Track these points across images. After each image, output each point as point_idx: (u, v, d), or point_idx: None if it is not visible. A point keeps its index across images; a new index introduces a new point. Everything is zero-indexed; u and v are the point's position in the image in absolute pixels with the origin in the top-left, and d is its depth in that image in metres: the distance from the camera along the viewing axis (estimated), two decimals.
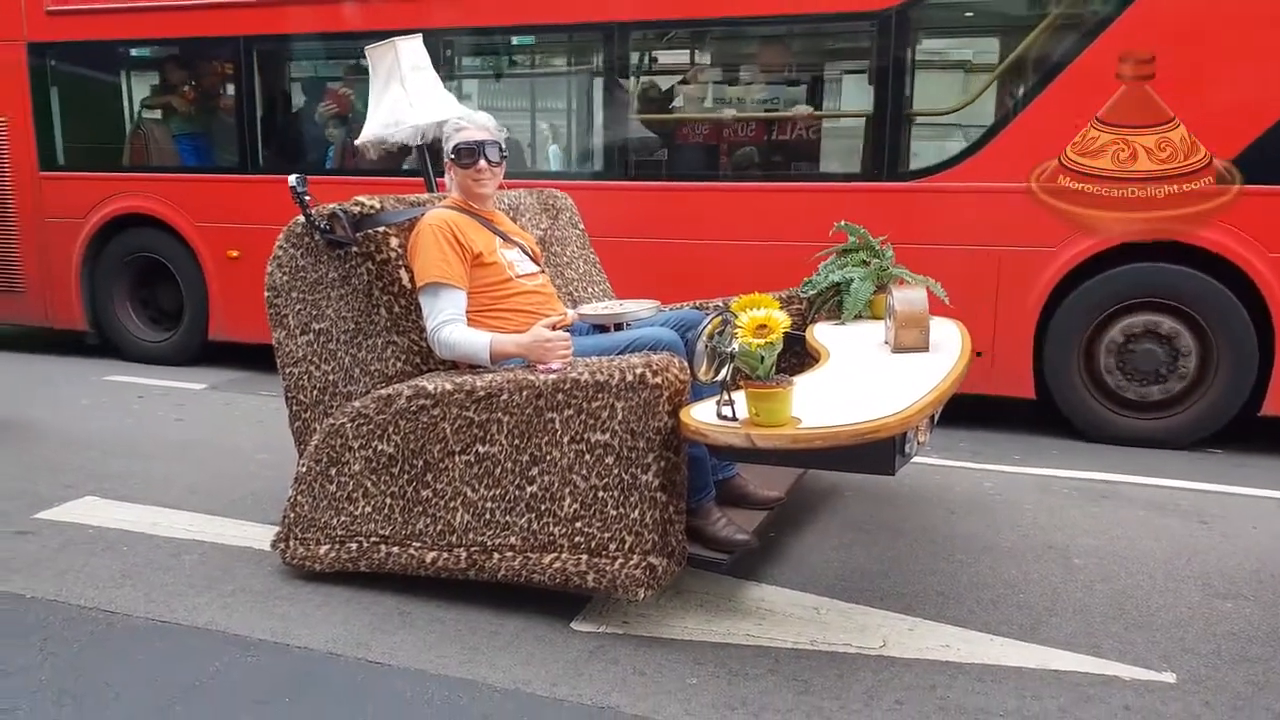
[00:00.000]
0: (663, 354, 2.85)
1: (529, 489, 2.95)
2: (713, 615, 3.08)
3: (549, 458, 2.91)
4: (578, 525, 2.88)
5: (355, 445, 3.19)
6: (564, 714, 2.54)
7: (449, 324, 3.15)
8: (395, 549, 3.16)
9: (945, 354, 3.24)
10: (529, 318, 3.26)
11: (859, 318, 3.79)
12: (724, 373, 2.70)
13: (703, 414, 2.71)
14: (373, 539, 3.20)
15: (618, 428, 2.80)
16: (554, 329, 3.09)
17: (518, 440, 2.94)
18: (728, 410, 2.64)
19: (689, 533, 2.95)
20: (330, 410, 3.34)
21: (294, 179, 3.26)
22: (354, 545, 3.23)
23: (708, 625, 3.01)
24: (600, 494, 2.85)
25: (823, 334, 3.62)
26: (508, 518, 2.98)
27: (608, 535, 2.84)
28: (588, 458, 2.85)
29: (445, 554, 3.08)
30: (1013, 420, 5.42)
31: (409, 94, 4.08)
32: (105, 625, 3.03)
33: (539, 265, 3.56)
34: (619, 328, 3.38)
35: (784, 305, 3.76)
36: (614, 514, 2.83)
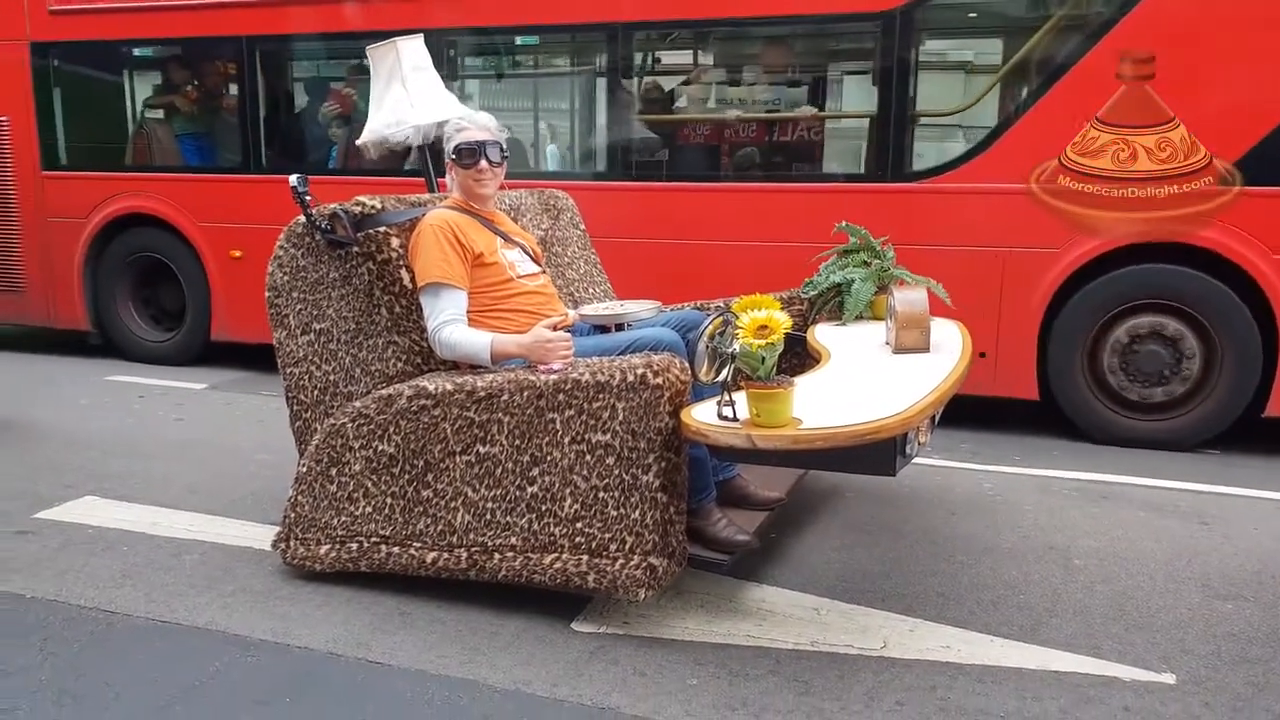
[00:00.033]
0: (664, 355, 2.85)
1: (530, 489, 2.95)
2: (713, 616, 3.08)
3: (550, 458, 2.91)
4: (578, 526, 2.88)
5: (356, 445, 3.19)
6: (564, 714, 2.54)
7: (450, 324, 3.15)
8: (396, 549, 3.17)
9: (946, 355, 3.24)
10: (530, 318, 3.26)
11: (860, 318, 3.79)
12: (725, 373, 2.70)
13: (704, 414, 2.71)
14: (373, 539, 3.20)
15: (619, 428, 2.80)
16: (555, 329, 3.10)
17: (518, 440, 2.94)
18: (728, 411, 2.64)
19: (690, 533, 2.95)
20: (331, 410, 3.35)
21: (295, 179, 3.26)
22: (354, 545, 3.23)
23: (708, 626, 3.01)
24: (601, 494, 2.85)
25: (823, 335, 3.62)
26: (508, 518, 2.98)
27: (608, 536, 2.84)
28: (588, 458, 2.85)
29: (446, 554, 3.08)
30: (1013, 421, 5.41)
31: (410, 94, 4.08)
32: (105, 625, 3.03)
33: (540, 266, 3.56)
34: (620, 328, 3.38)
35: (785, 306, 3.75)
36: (615, 514, 2.83)
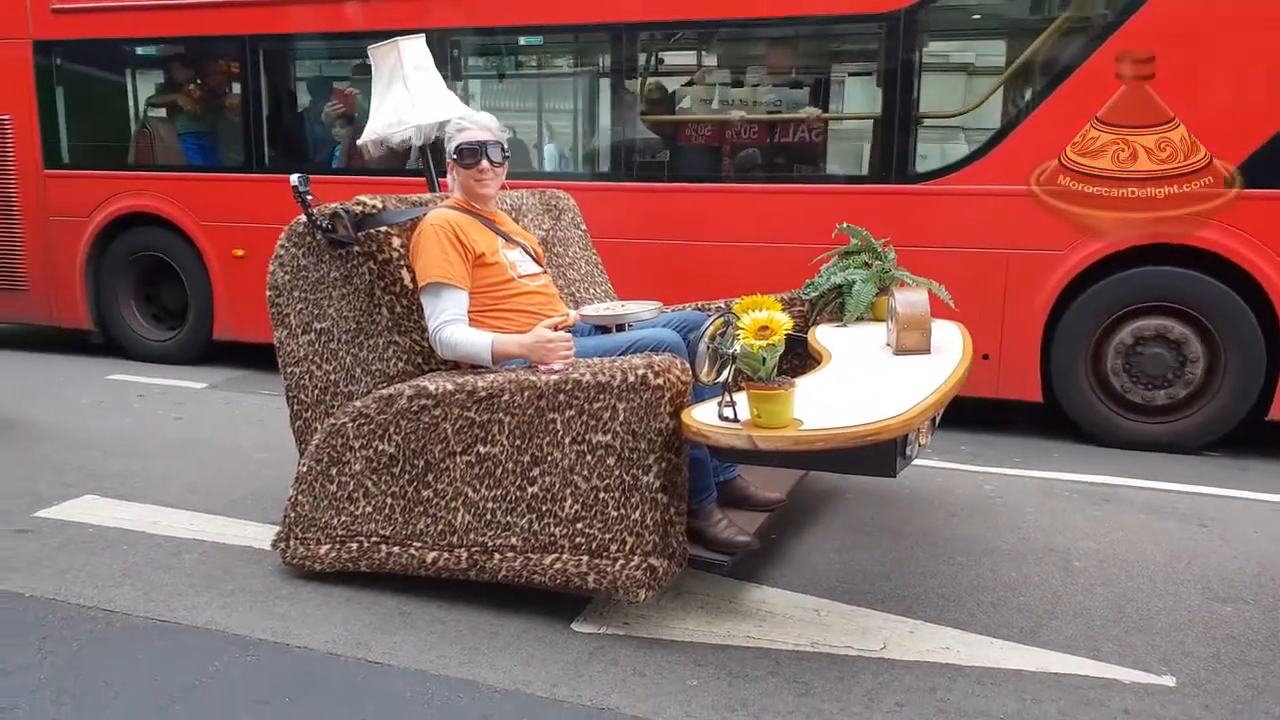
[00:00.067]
0: (665, 355, 2.85)
1: (530, 489, 2.95)
2: (713, 617, 3.07)
3: (550, 458, 2.91)
4: (579, 526, 2.88)
5: (356, 445, 3.19)
6: (564, 715, 2.54)
7: (451, 324, 3.15)
8: (396, 549, 3.17)
9: (947, 356, 3.24)
10: (531, 318, 3.26)
11: (861, 320, 3.79)
12: (726, 374, 2.70)
13: (704, 415, 2.71)
14: (373, 539, 3.20)
15: (619, 429, 2.80)
16: (556, 330, 3.10)
17: (519, 441, 2.94)
18: (729, 412, 2.64)
19: (690, 534, 2.95)
20: (331, 410, 3.35)
21: (296, 178, 3.26)
22: (354, 545, 3.23)
23: (708, 627, 3.01)
24: (601, 495, 2.85)
25: (824, 336, 3.62)
26: (509, 518, 2.98)
27: (609, 536, 2.84)
28: (589, 458, 2.85)
29: (446, 554, 3.08)
30: (1013, 423, 5.41)
31: (412, 94, 4.09)
32: (105, 624, 3.03)
33: (541, 266, 3.55)
34: (621, 329, 3.38)
35: (786, 307, 3.76)
36: (615, 515, 2.83)
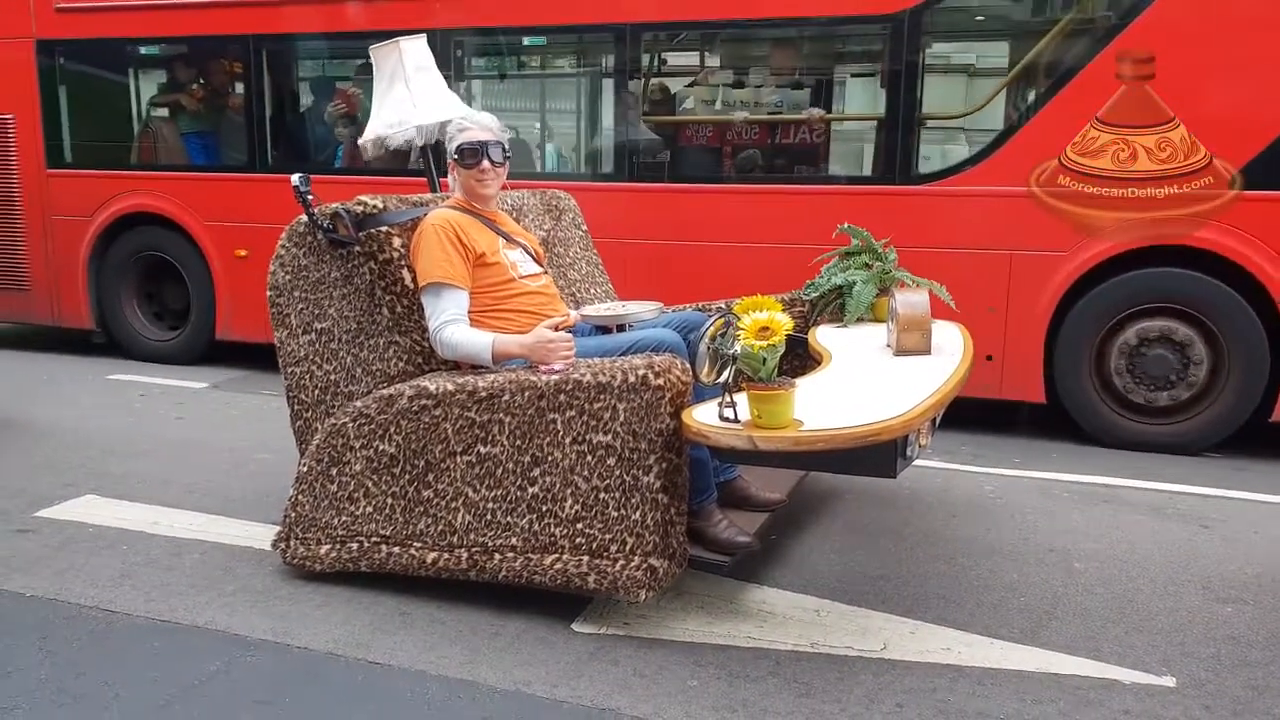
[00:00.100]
0: (665, 355, 2.85)
1: (530, 490, 2.95)
2: (714, 617, 3.07)
3: (550, 459, 2.91)
4: (579, 526, 2.88)
5: (357, 445, 3.19)
6: (564, 715, 2.54)
7: (451, 324, 3.15)
8: (396, 549, 3.17)
9: (947, 357, 3.24)
10: (531, 318, 3.26)
11: (861, 320, 3.79)
12: (726, 375, 2.70)
13: (705, 416, 2.71)
14: (374, 539, 3.20)
15: (620, 429, 2.80)
16: (556, 330, 3.10)
17: (519, 441, 2.94)
18: (730, 412, 2.64)
19: (690, 534, 2.95)
20: (332, 410, 3.35)
21: (296, 178, 3.27)
22: (355, 545, 3.23)
23: (709, 627, 3.01)
24: (602, 495, 2.85)
25: (825, 336, 3.62)
26: (509, 518, 2.98)
27: (609, 536, 2.84)
28: (589, 459, 2.85)
29: (446, 554, 3.08)
30: (1013, 424, 5.41)
31: (413, 94, 4.09)
32: (105, 624, 3.03)
33: (542, 266, 3.55)
34: (621, 329, 3.38)
35: (787, 308, 3.76)
36: (615, 515, 2.83)
